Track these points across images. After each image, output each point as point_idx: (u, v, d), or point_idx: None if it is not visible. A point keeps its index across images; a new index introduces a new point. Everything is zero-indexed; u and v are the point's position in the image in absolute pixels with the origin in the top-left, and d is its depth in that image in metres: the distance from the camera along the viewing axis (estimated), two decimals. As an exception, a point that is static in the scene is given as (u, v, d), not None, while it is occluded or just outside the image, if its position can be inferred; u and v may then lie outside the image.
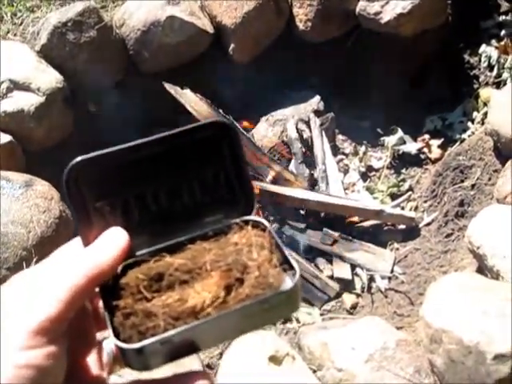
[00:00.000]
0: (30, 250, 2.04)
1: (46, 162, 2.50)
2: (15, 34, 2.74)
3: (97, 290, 0.49)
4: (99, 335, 0.53)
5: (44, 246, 2.10)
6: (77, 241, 0.52)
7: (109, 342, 0.48)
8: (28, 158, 2.45)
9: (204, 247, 0.51)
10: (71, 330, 0.47)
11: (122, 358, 0.46)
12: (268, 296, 0.47)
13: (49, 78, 2.44)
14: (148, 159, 0.52)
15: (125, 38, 2.61)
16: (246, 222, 0.54)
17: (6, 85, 2.39)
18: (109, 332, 0.46)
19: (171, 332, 0.45)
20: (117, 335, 0.46)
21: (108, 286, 0.49)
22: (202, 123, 0.53)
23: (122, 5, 2.73)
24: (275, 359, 1.79)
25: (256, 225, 0.54)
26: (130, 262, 0.51)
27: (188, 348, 0.46)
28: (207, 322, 0.46)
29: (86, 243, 0.50)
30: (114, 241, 0.50)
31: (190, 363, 1.81)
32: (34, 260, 2.00)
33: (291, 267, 0.49)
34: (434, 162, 2.67)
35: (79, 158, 0.49)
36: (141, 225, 0.53)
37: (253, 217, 0.55)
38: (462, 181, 2.41)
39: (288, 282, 0.48)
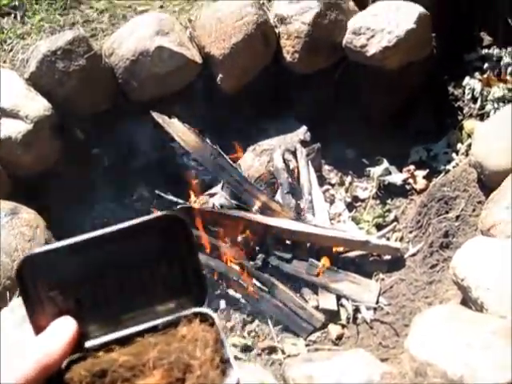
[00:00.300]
0: (13, 280, 2.03)
1: (33, 188, 2.50)
2: (4, 61, 2.75)
3: None
4: None
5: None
6: (28, 330, 0.53)
7: None
8: (14, 184, 2.45)
9: (150, 342, 0.52)
10: None
11: None
12: None
13: (37, 106, 2.45)
14: (100, 251, 0.53)
15: (114, 67, 2.63)
16: (196, 315, 0.55)
17: (-7, 112, 2.39)
18: None
19: None
20: None
21: (52, 380, 0.49)
22: (155, 216, 0.55)
23: (112, 34, 2.75)
24: (260, 392, 1.78)
25: (205, 319, 0.55)
26: (75, 357, 0.51)
27: None
28: None
29: (38, 331, 0.52)
30: (63, 330, 0.51)
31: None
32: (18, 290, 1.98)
33: (232, 367, 0.51)
34: (420, 192, 2.69)
35: (32, 251, 0.51)
36: (93, 314, 0.54)
37: (202, 309, 0.56)
38: (447, 212, 2.43)
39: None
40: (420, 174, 2.73)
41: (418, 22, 2.55)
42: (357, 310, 2.35)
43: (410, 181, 2.72)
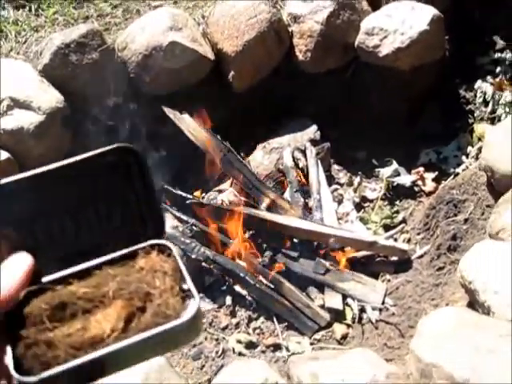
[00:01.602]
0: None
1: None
2: (18, 53, 2.76)
3: None
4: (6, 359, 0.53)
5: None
6: None
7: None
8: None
9: (109, 273, 0.52)
10: None
11: None
12: (165, 328, 0.48)
13: (49, 98, 2.46)
14: (55, 185, 0.53)
15: (126, 61, 2.64)
16: (153, 247, 0.55)
17: (6, 102, 2.40)
18: (9, 364, 0.46)
19: (67, 365, 0.46)
20: (19, 365, 0.46)
21: (11, 313, 0.49)
22: (108, 148, 0.54)
23: (125, 28, 2.76)
24: (265, 388, 1.79)
25: (162, 250, 0.54)
26: (33, 289, 0.51)
27: (88, 377, 0.47)
28: (105, 354, 0.47)
29: None
30: (18, 266, 0.50)
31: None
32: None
33: (193, 295, 0.51)
34: (428, 194, 2.69)
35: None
36: (48, 250, 0.53)
37: (159, 241, 0.55)
38: (455, 215, 2.43)
39: (188, 312, 0.49)
40: (429, 176, 2.73)
41: (431, 24, 2.55)
42: (362, 310, 2.36)
43: (419, 183, 2.72)
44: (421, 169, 2.74)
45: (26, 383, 0.45)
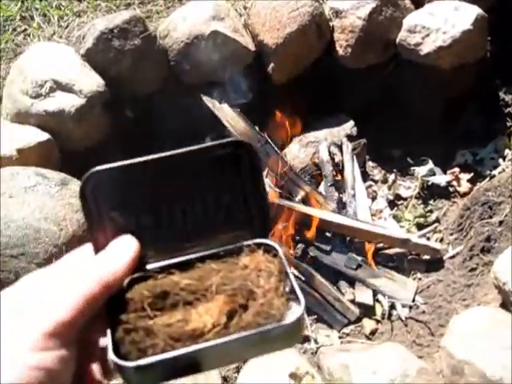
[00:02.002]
0: (60, 248, 2.07)
1: (80, 163, 2.53)
2: (61, 37, 2.80)
3: None
4: (102, 341, 0.53)
5: (74, 245, 2.12)
6: (87, 247, 0.52)
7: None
8: (63, 157, 2.50)
9: (212, 268, 0.52)
10: (80, 336, 0.48)
11: (119, 373, 0.47)
12: (269, 328, 0.47)
13: (91, 82, 2.49)
14: (166, 173, 0.52)
15: (167, 49, 2.66)
16: (259, 246, 0.54)
17: (49, 84, 2.44)
18: (108, 347, 0.47)
19: (166, 355, 0.46)
20: (116, 349, 0.46)
21: (113, 298, 0.49)
22: (222, 141, 0.53)
23: (167, 17, 2.79)
24: (295, 376, 1.80)
25: (268, 249, 0.53)
26: (136, 276, 0.51)
27: (184, 370, 0.47)
28: (205, 349, 0.46)
29: (98, 249, 0.51)
30: (125, 249, 0.51)
31: (206, 374, 1.82)
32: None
33: (297, 299, 0.49)
34: (463, 195, 2.68)
35: (98, 168, 0.50)
36: (153, 238, 0.53)
37: (266, 240, 0.54)
38: (490, 217, 2.41)
39: (291, 315, 0.48)
40: (464, 177, 2.71)
41: (474, 24, 2.53)
42: (392, 307, 2.35)
43: (454, 183, 2.71)
44: (456, 169, 2.72)
45: (123, 367, 0.46)
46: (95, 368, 0.53)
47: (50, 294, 0.46)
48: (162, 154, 0.51)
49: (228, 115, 2.59)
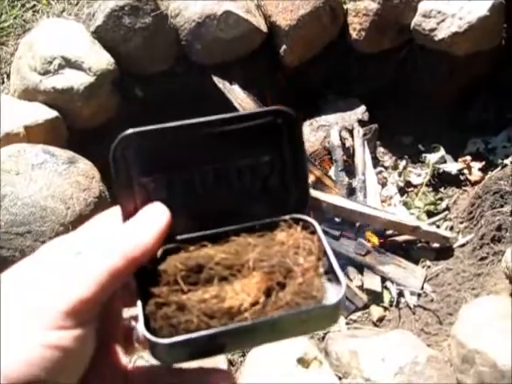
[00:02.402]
0: (67, 227, 2.04)
1: (88, 142, 2.51)
2: (70, 14, 2.76)
3: None
4: (126, 313, 0.51)
5: (81, 224, 2.10)
6: (115, 211, 0.49)
7: (139, 327, 0.45)
8: (70, 135, 2.47)
9: (249, 242, 0.48)
10: (101, 312, 0.45)
11: (149, 349, 0.44)
12: (309, 308, 0.45)
13: (101, 59, 2.46)
14: (200, 140, 0.49)
15: (178, 28, 2.62)
16: (296, 221, 0.50)
17: (58, 61, 2.41)
18: (140, 321, 0.44)
19: (204, 332, 0.43)
20: (146, 324, 0.44)
21: (143, 268, 0.46)
22: (264, 109, 0.49)
23: (179, -5, 2.74)
24: (303, 361, 1.78)
25: (306, 226, 0.50)
26: (169, 247, 0.48)
27: (218, 348, 0.44)
28: (242, 328, 0.44)
29: (126, 217, 0.48)
30: (155, 218, 0.47)
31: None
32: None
33: (337, 279, 0.46)
34: (474, 184, 2.65)
35: (130, 131, 0.46)
36: (185, 207, 0.50)
37: (304, 216, 0.51)
38: (502, 206, 2.38)
39: (331, 296, 0.46)
40: (476, 165, 2.68)
41: (491, 10, 2.49)
42: (400, 294, 2.33)
43: (465, 171, 2.68)
44: (468, 157, 2.69)
45: (156, 344, 0.43)
46: (117, 344, 0.50)
47: (71, 268, 0.43)
48: (199, 120, 0.48)
49: (239, 97, 2.56)
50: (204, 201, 0.51)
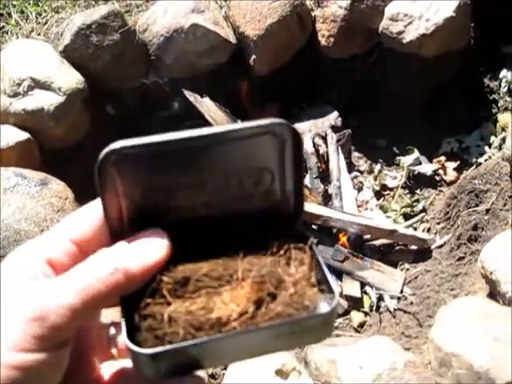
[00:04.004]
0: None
1: (61, 161, 2.51)
2: (39, 34, 2.76)
3: None
4: (111, 330, 0.50)
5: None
6: (84, 211, 0.46)
7: (122, 338, 0.43)
8: (43, 156, 2.46)
9: (237, 252, 0.47)
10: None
11: (132, 361, 0.43)
12: (301, 318, 0.43)
13: (70, 79, 2.46)
14: (199, 153, 0.46)
15: (147, 43, 2.62)
16: (289, 234, 0.49)
17: (27, 83, 2.40)
18: (123, 332, 0.42)
19: (189, 342, 0.41)
20: (131, 338, 0.42)
21: None
22: (265, 121, 0.47)
23: (147, 10, 2.75)
24: (282, 373, 1.78)
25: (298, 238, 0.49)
26: None
27: (206, 361, 0.43)
28: (230, 338, 0.42)
29: (109, 222, 0.45)
30: (155, 247, 0.44)
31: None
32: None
33: (330, 290, 0.45)
34: (449, 184, 2.66)
35: (118, 145, 0.43)
36: (174, 222, 0.48)
37: (298, 228, 0.50)
38: (477, 205, 2.39)
39: (324, 306, 0.44)
40: (451, 165, 2.69)
41: (457, 11, 2.50)
42: (380, 299, 2.34)
43: (440, 172, 2.69)
44: (442, 158, 2.70)
45: (137, 354, 0.41)
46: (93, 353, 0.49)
47: (43, 286, 0.41)
48: (193, 132, 0.45)
49: (210, 109, 2.56)
50: (199, 211, 0.49)
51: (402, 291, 2.33)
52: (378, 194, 2.67)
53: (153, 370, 0.43)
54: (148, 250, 0.44)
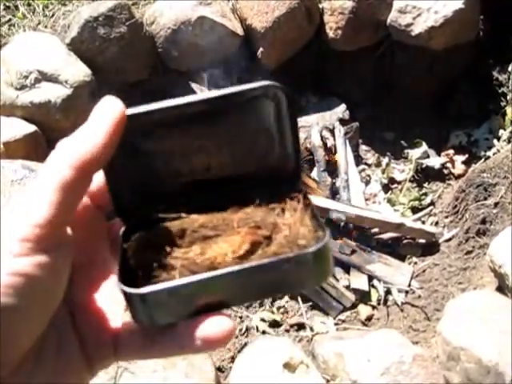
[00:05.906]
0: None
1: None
2: (46, 26, 2.75)
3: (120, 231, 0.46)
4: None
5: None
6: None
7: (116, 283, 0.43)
8: (50, 149, 2.45)
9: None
10: (81, 253, 0.44)
11: (127, 307, 0.42)
12: (294, 254, 0.42)
13: (77, 71, 2.45)
14: (193, 118, 0.46)
15: (154, 36, 2.61)
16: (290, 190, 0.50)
17: (34, 75, 2.40)
18: (117, 277, 0.42)
19: (181, 281, 0.41)
20: (128, 283, 0.42)
21: (129, 232, 0.46)
22: (259, 84, 0.47)
23: (154, 3, 2.73)
24: (289, 366, 1.78)
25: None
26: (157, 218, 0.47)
27: (201, 305, 0.42)
28: (222, 276, 0.41)
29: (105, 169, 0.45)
30: (104, 115, 0.43)
31: (200, 364, 1.80)
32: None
33: (322, 228, 0.45)
34: (457, 177, 2.64)
35: (129, 111, 0.44)
36: (171, 182, 0.49)
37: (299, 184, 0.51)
38: (485, 198, 2.38)
39: (318, 243, 0.43)
40: (459, 158, 2.68)
41: (466, 3, 2.48)
42: (388, 292, 2.33)
43: (449, 165, 2.67)
44: (451, 151, 2.69)
45: (130, 296, 0.41)
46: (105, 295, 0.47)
47: (25, 195, 0.40)
48: (193, 98, 0.45)
49: (217, 102, 2.55)
50: (200, 172, 0.49)
51: (409, 285, 2.32)
52: (386, 188, 2.66)
53: (145, 316, 0.42)
54: (99, 118, 0.43)
